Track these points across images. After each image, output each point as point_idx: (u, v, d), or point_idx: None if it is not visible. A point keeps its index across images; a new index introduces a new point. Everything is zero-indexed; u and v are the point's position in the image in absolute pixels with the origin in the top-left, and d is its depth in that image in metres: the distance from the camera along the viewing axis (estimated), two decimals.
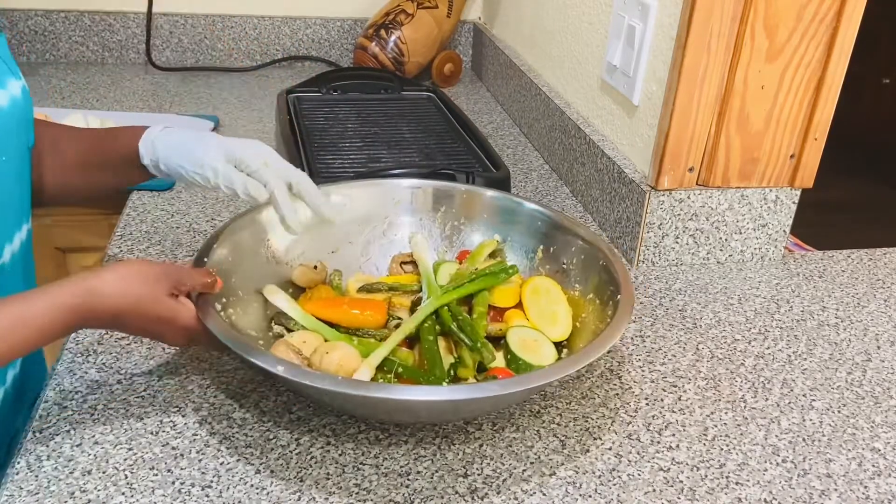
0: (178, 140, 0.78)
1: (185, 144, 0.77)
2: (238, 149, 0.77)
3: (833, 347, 0.86)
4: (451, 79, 1.68)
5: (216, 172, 0.75)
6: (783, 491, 0.66)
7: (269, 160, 0.77)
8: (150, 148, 0.78)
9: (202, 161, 0.76)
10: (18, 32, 1.62)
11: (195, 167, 0.76)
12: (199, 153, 0.76)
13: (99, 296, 0.63)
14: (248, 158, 0.76)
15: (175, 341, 0.69)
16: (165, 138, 0.78)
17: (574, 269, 0.82)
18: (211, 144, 0.77)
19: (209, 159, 0.76)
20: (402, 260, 0.87)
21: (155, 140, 0.78)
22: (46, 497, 0.61)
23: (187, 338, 0.69)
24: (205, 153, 0.76)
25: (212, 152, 0.76)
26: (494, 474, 0.66)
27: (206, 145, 0.77)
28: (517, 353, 0.73)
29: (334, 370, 0.68)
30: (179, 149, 0.77)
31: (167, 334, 0.68)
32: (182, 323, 0.67)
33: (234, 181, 0.75)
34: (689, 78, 0.89)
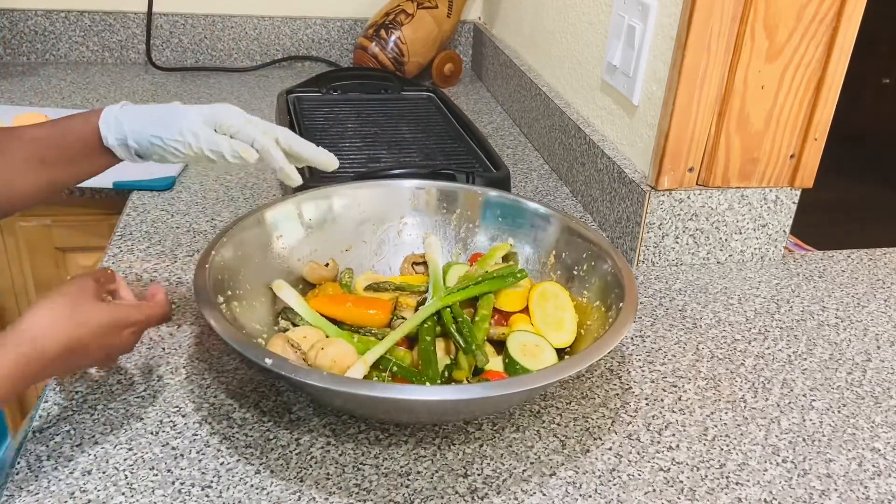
0: (147, 112, 0.73)
1: (155, 113, 0.72)
2: (217, 110, 0.72)
3: (833, 347, 0.86)
4: (451, 79, 1.68)
5: (197, 137, 0.70)
6: (783, 491, 0.66)
7: (250, 118, 0.74)
8: (113, 125, 0.72)
9: (180, 128, 0.71)
10: (18, 32, 1.62)
11: (173, 135, 0.71)
12: (174, 120, 0.71)
13: (42, 338, 0.58)
14: (229, 118, 0.72)
15: (133, 341, 0.67)
16: (130, 112, 0.72)
17: (585, 277, 0.82)
18: (186, 110, 0.72)
19: (187, 124, 0.71)
20: (415, 260, 0.87)
21: (118, 115, 0.72)
22: (46, 497, 0.61)
23: (140, 331, 0.67)
24: (181, 119, 0.71)
25: (190, 116, 0.71)
26: (494, 474, 0.66)
27: (181, 111, 0.72)
28: (515, 357, 0.72)
29: (328, 366, 0.69)
30: (151, 119, 0.72)
31: (125, 339, 0.65)
32: (133, 318, 0.65)
33: (220, 144, 0.71)
34: (689, 78, 0.89)
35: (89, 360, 0.64)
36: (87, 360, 0.64)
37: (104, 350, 0.64)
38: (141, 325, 0.67)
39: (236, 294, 0.75)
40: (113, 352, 0.65)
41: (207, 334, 0.82)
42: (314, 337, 0.74)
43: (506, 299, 0.81)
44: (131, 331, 0.66)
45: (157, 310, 0.69)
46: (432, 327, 0.75)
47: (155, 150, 0.72)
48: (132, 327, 0.66)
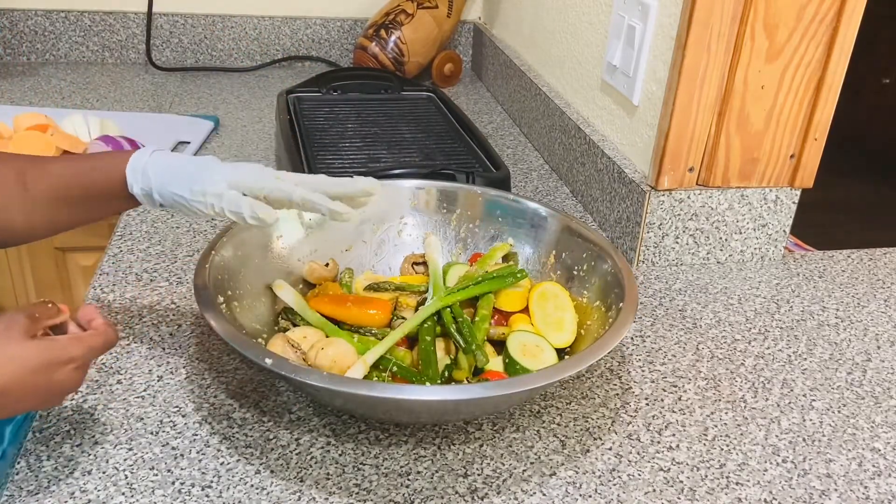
0: (175, 165, 0.71)
1: (184, 170, 0.71)
2: (243, 174, 0.71)
3: (833, 347, 0.86)
4: (451, 79, 1.68)
5: (220, 198, 0.69)
6: (783, 491, 0.66)
7: (280, 174, 0.72)
8: (140, 176, 0.71)
9: (204, 189, 0.69)
10: (18, 32, 1.62)
11: (196, 196, 0.70)
12: (200, 182, 0.70)
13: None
14: (257, 181, 0.71)
15: (77, 377, 0.60)
16: (159, 163, 0.71)
17: (585, 277, 0.82)
18: (214, 169, 0.71)
19: (212, 186, 0.69)
20: (415, 260, 0.87)
21: (146, 166, 0.71)
22: (46, 497, 0.61)
23: (85, 365, 0.61)
24: (208, 180, 0.70)
25: (216, 177, 0.70)
26: (494, 474, 0.66)
27: (208, 172, 0.70)
28: (515, 357, 0.72)
29: (328, 366, 0.69)
30: (178, 176, 0.70)
31: (66, 376, 0.59)
32: (70, 353, 0.59)
33: (241, 204, 0.69)
34: (689, 78, 0.89)
35: (24, 405, 0.58)
36: (22, 404, 0.58)
37: (41, 393, 0.58)
38: (82, 359, 0.60)
39: (236, 294, 0.75)
40: (53, 392, 0.59)
41: (207, 334, 0.82)
42: (314, 337, 0.74)
43: (506, 299, 0.81)
44: (72, 367, 0.59)
45: (97, 339, 0.62)
46: (432, 327, 0.75)
47: (178, 205, 0.71)
48: (71, 363, 0.59)
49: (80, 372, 0.60)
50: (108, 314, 0.84)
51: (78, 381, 0.60)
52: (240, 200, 0.69)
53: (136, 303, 0.86)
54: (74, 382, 0.60)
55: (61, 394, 0.60)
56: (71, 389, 0.60)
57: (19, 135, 1.14)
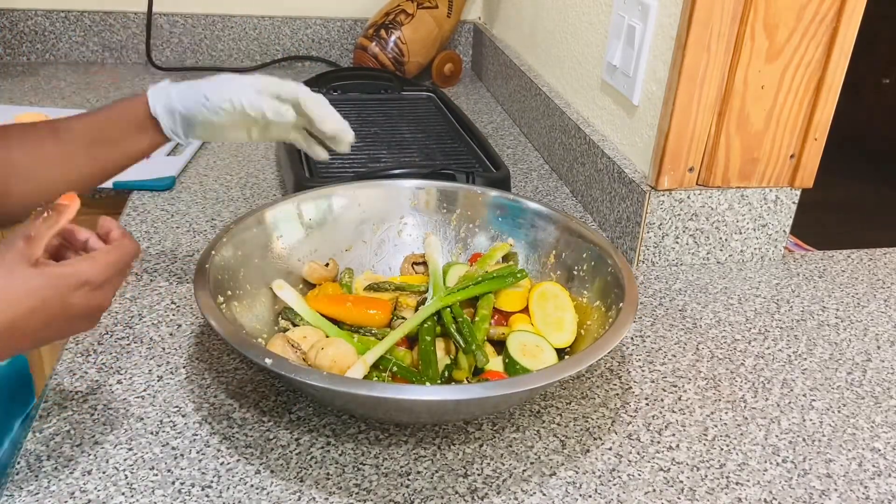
0: (192, 81, 0.77)
1: (206, 81, 0.77)
2: (261, 78, 0.77)
3: (833, 347, 0.86)
4: (451, 79, 1.68)
5: (243, 98, 0.75)
6: (783, 491, 0.66)
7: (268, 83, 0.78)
8: (161, 94, 0.76)
9: (229, 87, 0.75)
10: (18, 32, 1.62)
11: (222, 94, 0.75)
12: (221, 83, 0.76)
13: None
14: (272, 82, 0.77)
15: (103, 296, 0.58)
16: (180, 83, 0.77)
17: (585, 277, 0.82)
18: (233, 76, 0.77)
19: (236, 86, 0.76)
20: (415, 260, 0.87)
21: (166, 86, 0.77)
22: (46, 497, 0.61)
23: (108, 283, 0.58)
24: (231, 81, 0.76)
25: (238, 80, 0.76)
26: (494, 474, 0.66)
27: (228, 76, 0.77)
28: (515, 357, 0.72)
29: (328, 366, 0.69)
30: (200, 84, 0.76)
31: (90, 300, 0.56)
32: (84, 276, 0.56)
33: (263, 106, 0.75)
34: (689, 78, 0.89)
35: (48, 334, 0.56)
36: (44, 333, 0.55)
37: (61, 321, 0.55)
38: (99, 278, 0.57)
39: (236, 294, 0.75)
40: (76, 316, 0.57)
41: (207, 334, 0.82)
42: (314, 337, 0.74)
43: (506, 299, 0.81)
44: (88, 289, 0.56)
45: (111, 254, 0.58)
46: (432, 327, 0.75)
47: (200, 111, 0.75)
48: (86, 286, 0.56)
49: (100, 292, 0.57)
50: (108, 314, 0.84)
51: (102, 301, 0.58)
52: (263, 103, 0.75)
53: (136, 303, 0.86)
54: (97, 302, 0.57)
55: (87, 317, 0.58)
56: (97, 310, 0.58)
57: None
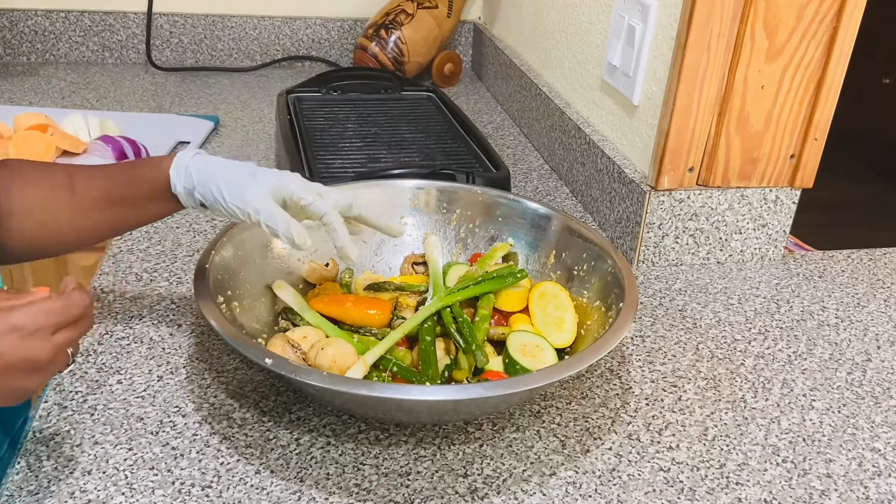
0: (218, 165, 0.72)
1: (227, 171, 0.71)
2: (287, 181, 0.71)
3: (833, 347, 0.86)
4: (451, 79, 1.68)
5: (258, 211, 0.69)
6: (783, 491, 0.66)
7: (322, 190, 0.72)
8: (182, 173, 0.71)
9: (245, 195, 0.69)
10: (18, 32, 1.62)
11: (236, 200, 0.69)
12: (243, 185, 0.69)
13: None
14: (299, 191, 0.70)
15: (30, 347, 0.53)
16: (201, 162, 0.72)
17: (585, 277, 0.82)
18: (257, 175, 0.70)
19: (253, 195, 0.69)
20: (415, 260, 0.87)
21: (189, 165, 0.71)
22: (46, 497, 0.61)
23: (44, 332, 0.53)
24: (249, 185, 0.69)
25: (259, 184, 0.70)
26: (494, 474, 0.66)
27: (251, 176, 0.70)
28: (515, 357, 0.72)
29: (328, 366, 0.69)
30: (220, 174, 0.71)
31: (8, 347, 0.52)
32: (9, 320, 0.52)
33: (277, 221, 0.68)
34: (689, 78, 0.89)
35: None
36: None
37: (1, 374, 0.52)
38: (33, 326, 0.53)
39: (236, 294, 0.75)
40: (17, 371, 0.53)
41: (207, 334, 0.82)
42: (314, 337, 0.74)
43: (506, 299, 0.81)
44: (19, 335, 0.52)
45: (54, 302, 0.55)
46: (432, 327, 0.75)
47: (217, 204, 0.71)
48: (16, 332, 0.52)
49: (32, 340, 0.53)
50: (108, 314, 0.84)
51: (38, 351, 0.53)
52: (276, 216, 0.68)
53: (136, 303, 0.86)
54: (31, 352, 0.53)
55: (27, 369, 0.53)
56: (34, 362, 0.53)
57: (19, 135, 1.14)
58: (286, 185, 0.71)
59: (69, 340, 0.55)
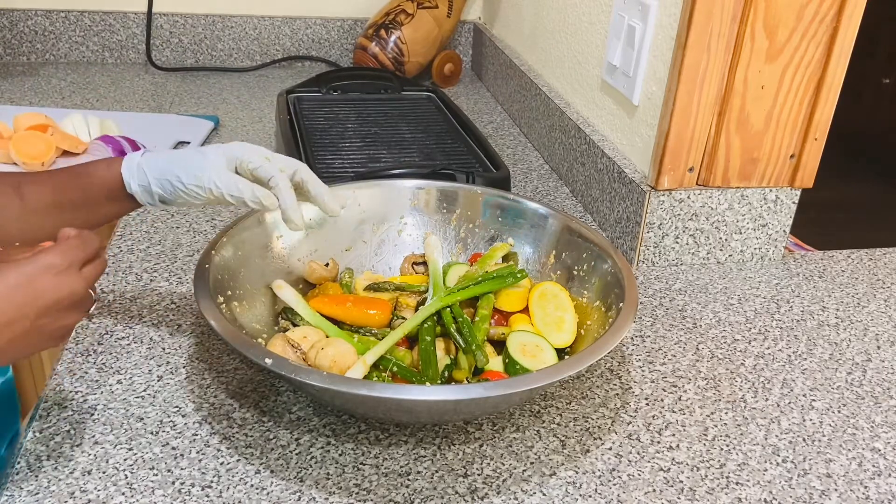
0: (168, 156, 0.72)
1: (177, 159, 0.72)
2: (235, 148, 0.73)
3: (833, 347, 0.86)
4: (451, 79, 1.68)
5: (217, 183, 0.70)
6: (783, 491, 0.66)
7: (270, 155, 0.74)
8: (135, 171, 0.72)
9: (201, 171, 0.70)
10: (18, 32, 1.62)
11: (193, 180, 0.71)
12: (194, 163, 0.71)
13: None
14: (248, 155, 0.72)
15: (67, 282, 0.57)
16: (152, 158, 0.72)
17: (585, 277, 0.82)
18: (206, 152, 0.72)
19: (208, 168, 0.70)
20: (415, 260, 0.87)
21: (140, 163, 0.72)
22: (46, 497, 0.61)
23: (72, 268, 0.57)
24: (202, 162, 0.71)
25: (210, 158, 0.71)
26: (494, 474, 0.66)
27: (199, 153, 0.72)
28: (515, 357, 0.72)
29: (328, 366, 0.69)
30: (172, 164, 0.71)
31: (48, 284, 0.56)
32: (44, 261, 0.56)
33: (241, 188, 0.70)
34: (689, 78, 0.89)
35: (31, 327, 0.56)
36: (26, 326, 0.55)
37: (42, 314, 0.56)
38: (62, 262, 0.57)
39: (236, 294, 0.75)
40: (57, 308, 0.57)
41: (207, 334, 0.82)
42: (314, 337, 0.74)
43: (506, 299, 0.81)
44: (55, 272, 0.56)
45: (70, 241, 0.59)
46: (432, 327, 0.75)
47: (177, 194, 0.72)
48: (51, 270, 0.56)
49: (67, 276, 0.57)
50: (108, 314, 0.84)
51: (73, 285, 0.57)
52: (239, 184, 0.70)
53: (136, 303, 0.86)
54: (68, 287, 0.57)
55: (67, 306, 0.57)
56: (71, 295, 0.57)
57: (19, 135, 1.14)
58: (235, 153, 0.72)
59: (95, 274, 0.60)
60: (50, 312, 0.57)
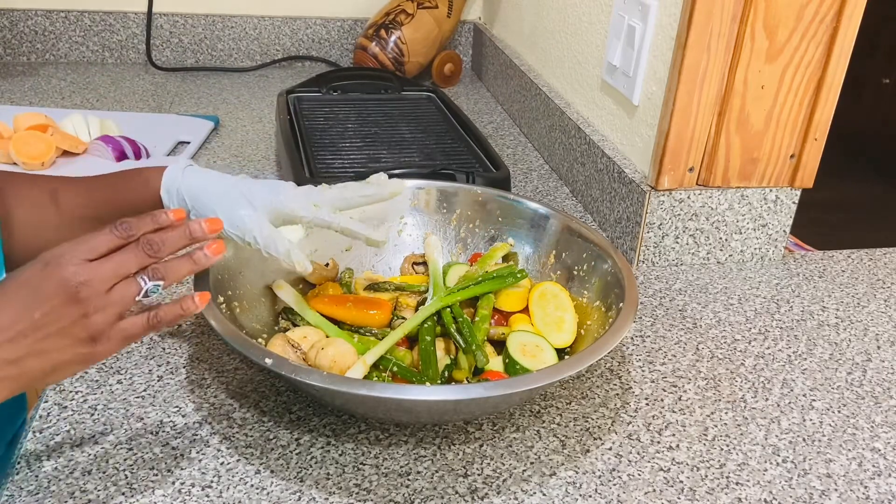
0: (210, 188, 0.69)
1: (221, 197, 0.69)
2: (285, 200, 0.70)
3: (833, 347, 0.86)
4: (451, 79, 1.68)
5: (259, 238, 0.69)
6: (783, 491, 0.66)
7: (315, 199, 0.72)
8: (175, 195, 0.70)
9: (243, 223, 0.69)
10: (18, 32, 1.62)
11: (234, 229, 0.69)
12: (239, 212, 0.69)
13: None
14: (297, 210, 0.70)
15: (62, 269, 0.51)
16: (192, 183, 0.70)
17: (585, 277, 0.82)
18: (253, 199, 0.69)
19: (250, 222, 0.69)
20: (415, 260, 0.87)
21: (181, 188, 0.70)
22: (46, 497, 0.61)
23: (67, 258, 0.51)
24: (247, 213, 0.69)
25: (255, 210, 0.69)
26: (494, 474, 0.66)
27: (248, 201, 0.69)
28: (515, 357, 0.72)
29: (328, 366, 0.69)
30: (214, 202, 0.69)
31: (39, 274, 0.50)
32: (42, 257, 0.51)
33: (279, 249, 0.69)
34: (689, 78, 0.89)
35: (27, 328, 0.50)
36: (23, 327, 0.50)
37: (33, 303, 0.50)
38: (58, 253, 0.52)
39: (236, 294, 0.75)
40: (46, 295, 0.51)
41: (207, 334, 0.82)
42: (314, 337, 0.74)
43: (506, 299, 0.81)
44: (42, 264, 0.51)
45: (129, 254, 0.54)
46: (432, 327, 0.75)
47: None
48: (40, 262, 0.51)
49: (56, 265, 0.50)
50: None
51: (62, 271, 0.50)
52: (277, 243, 0.69)
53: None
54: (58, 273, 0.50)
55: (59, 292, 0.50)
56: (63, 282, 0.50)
57: (19, 135, 1.14)
58: (283, 205, 0.70)
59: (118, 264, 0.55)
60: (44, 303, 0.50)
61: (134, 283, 0.55)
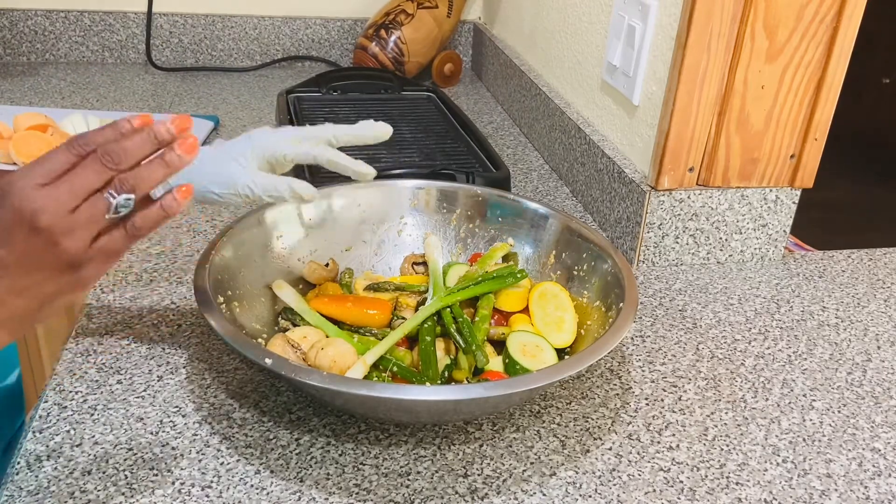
0: (199, 171, 0.68)
1: (204, 162, 0.68)
2: (266, 145, 0.69)
3: (833, 347, 0.86)
4: (451, 79, 1.68)
5: (254, 187, 0.68)
6: (783, 491, 0.66)
7: (298, 133, 0.71)
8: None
9: (233, 179, 0.68)
10: (18, 32, 1.62)
11: (228, 189, 0.69)
12: (226, 169, 0.68)
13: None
14: (281, 147, 0.69)
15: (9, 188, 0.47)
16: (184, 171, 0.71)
17: (585, 277, 0.82)
18: (238, 158, 0.69)
19: (241, 175, 0.68)
20: (415, 260, 0.87)
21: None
22: (46, 497, 0.61)
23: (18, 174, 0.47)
24: (235, 169, 0.68)
25: (241, 165, 0.68)
26: (494, 474, 0.66)
27: (234, 162, 0.69)
28: (515, 357, 0.72)
29: (328, 366, 0.69)
30: (195, 169, 0.67)
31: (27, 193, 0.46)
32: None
33: (279, 187, 0.68)
34: (689, 78, 0.89)
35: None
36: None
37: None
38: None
39: (236, 294, 0.75)
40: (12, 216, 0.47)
41: (207, 334, 0.82)
42: (314, 337, 0.74)
43: (506, 299, 0.81)
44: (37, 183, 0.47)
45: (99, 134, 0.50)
46: (432, 327, 0.75)
47: (212, 201, 0.70)
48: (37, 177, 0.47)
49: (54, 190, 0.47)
50: (108, 314, 0.84)
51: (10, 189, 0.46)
52: (275, 184, 0.68)
53: (136, 303, 0.86)
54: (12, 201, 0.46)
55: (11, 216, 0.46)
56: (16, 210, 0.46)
57: (19, 135, 1.14)
58: (268, 151, 0.69)
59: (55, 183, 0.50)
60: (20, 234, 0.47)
61: (101, 200, 0.50)
